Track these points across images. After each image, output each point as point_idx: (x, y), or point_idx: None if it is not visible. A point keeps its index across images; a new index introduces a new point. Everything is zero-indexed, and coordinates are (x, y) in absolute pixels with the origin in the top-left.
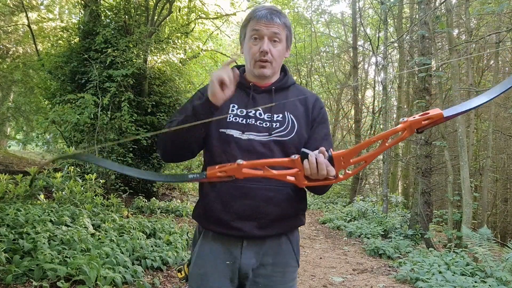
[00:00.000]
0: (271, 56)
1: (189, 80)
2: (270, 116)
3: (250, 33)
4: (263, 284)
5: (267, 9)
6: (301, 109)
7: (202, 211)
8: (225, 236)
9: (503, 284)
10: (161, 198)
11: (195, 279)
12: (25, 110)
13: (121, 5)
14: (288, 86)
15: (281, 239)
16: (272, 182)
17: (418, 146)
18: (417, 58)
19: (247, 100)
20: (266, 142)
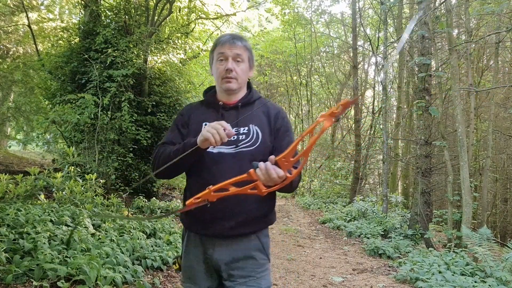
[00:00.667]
0: (235, 73)
1: (189, 80)
2: (237, 130)
3: (217, 56)
4: (238, 276)
5: (229, 35)
6: (265, 120)
7: (184, 214)
8: (203, 236)
9: (503, 284)
10: (161, 198)
11: (185, 270)
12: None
13: (121, 5)
14: (253, 101)
15: (250, 237)
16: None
17: (418, 146)
18: (417, 58)
19: (217, 117)
20: (235, 154)
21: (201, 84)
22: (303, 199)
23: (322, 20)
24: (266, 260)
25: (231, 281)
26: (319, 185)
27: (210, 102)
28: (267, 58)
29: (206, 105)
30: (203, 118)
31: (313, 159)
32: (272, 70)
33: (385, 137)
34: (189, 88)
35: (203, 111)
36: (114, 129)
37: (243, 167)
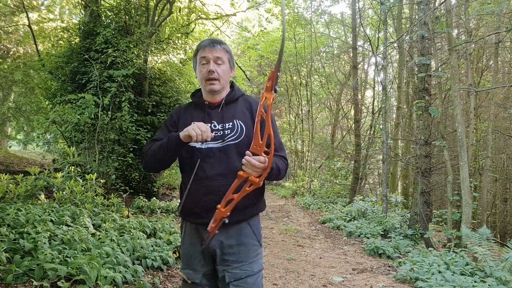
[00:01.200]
0: (217, 74)
1: (189, 80)
2: (222, 126)
3: (199, 60)
4: (231, 261)
5: (209, 40)
6: (248, 114)
7: (182, 207)
8: (198, 225)
9: (502, 283)
10: (161, 198)
11: (184, 258)
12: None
13: (122, 6)
14: (236, 98)
15: (241, 225)
16: (229, 179)
17: (417, 146)
18: (417, 58)
19: (203, 115)
20: (222, 148)
21: None
22: (303, 199)
23: (322, 21)
24: (258, 246)
25: (225, 266)
26: (319, 185)
27: (196, 102)
28: (267, 58)
29: (193, 106)
30: (191, 118)
31: (313, 159)
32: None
33: (385, 137)
34: (189, 88)
35: (191, 111)
36: (114, 129)
37: (230, 159)
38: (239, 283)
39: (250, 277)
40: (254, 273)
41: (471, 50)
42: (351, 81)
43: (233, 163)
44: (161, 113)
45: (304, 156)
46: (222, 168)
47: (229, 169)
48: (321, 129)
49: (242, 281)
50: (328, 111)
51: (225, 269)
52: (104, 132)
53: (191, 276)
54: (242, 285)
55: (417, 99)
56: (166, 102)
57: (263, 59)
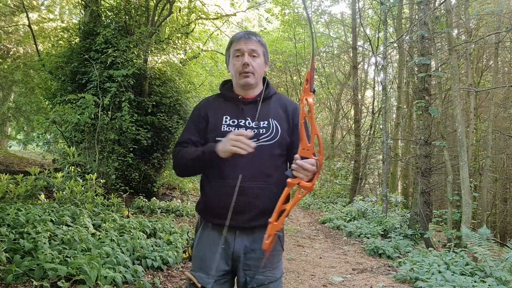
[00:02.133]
0: (252, 68)
1: (190, 80)
2: (257, 124)
3: (233, 53)
4: (254, 266)
5: (244, 32)
6: (283, 115)
7: (203, 206)
8: (222, 227)
9: (502, 283)
10: (161, 198)
11: (197, 260)
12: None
13: (122, 6)
14: (270, 96)
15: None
16: (259, 181)
17: (417, 146)
18: (417, 58)
19: (237, 111)
20: (255, 147)
21: (201, 84)
22: (303, 199)
23: (322, 21)
24: (281, 251)
25: (247, 270)
26: (319, 185)
27: (228, 96)
28: None
29: (224, 99)
30: (223, 112)
31: None
32: (272, 70)
33: (385, 137)
34: (189, 88)
35: (221, 104)
36: (114, 129)
37: (262, 160)
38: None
39: (273, 283)
40: (277, 279)
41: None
42: (351, 81)
43: (265, 164)
44: (161, 113)
45: None
46: (254, 169)
47: (260, 171)
48: (321, 129)
49: (265, 287)
50: (328, 111)
51: (247, 274)
52: (104, 132)
53: (203, 280)
54: None
55: (417, 99)
56: (166, 102)
57: None
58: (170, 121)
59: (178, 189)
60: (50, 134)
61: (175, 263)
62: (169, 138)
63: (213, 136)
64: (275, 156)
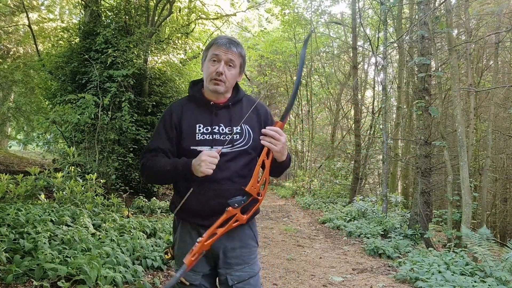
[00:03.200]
0: (225, 77)
1: (189, 80)
2: (230, 130)
3: (210, 56)
4: (234, 263)
5: (227, 39)
6: (254, 118)
7: (181, 207)
8: (201, 226)
9: (502, 283)
10: (161, 198)
11: (180, 259)
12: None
13: (122, 6)
14: (240, 99)
15: (244, 227)
16: (236, 183)
17: (417, 146)
18: (417, 58)
19: (211, 117)
20: (231, 153)
21: None
22: (303, 199)
23: (322, 21)
24: (256, 247)
25: (227, 269)
26: (319, 185)
27: (199, 100)
28: (267, 58)
29: (196, 103)
30: (196, 120)
31: (313, 159)
32: (272, 70)
33: (385, 137)
34: None
35: (194, 110)
36: (114, 129)
37: (238, 164)
38: (243, 285)
39: (253, 278)
40: (256, 274)
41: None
42: (351, 81)
43: (240, 167)
44: (161, 113)
45: (304, 156)
46: (230, 172)
47: (237, 174)
48: (321, 129)
49: (246, 283)
50: (328, 111)
51: (228, 272)
52: (104, 132)
53: (190, 277)
54: (246, 286)
55: (417, 99)
56: (166, 102)
57: (263, 59)
58: None
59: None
60: (50, 134)
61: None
62: None
63: (187, 144)
64: (249, 159)
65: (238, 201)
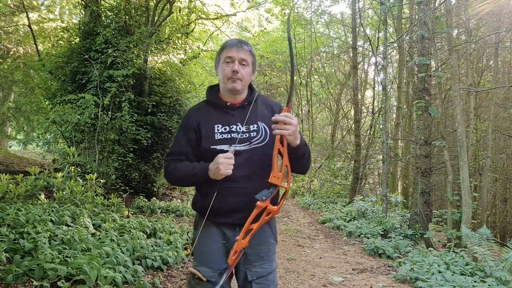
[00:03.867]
0: (240, 75)
1: (189, 80)
2: (247, 128)
3: (224, 59)
4: (254, 259)
5: (236, 40)
6: (269, 115)
7: (203, 205)
8: (222, 224)
9: (502, 283)
10: (161, 198)
11: (200, 256)
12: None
13: (122, 6)
14: (255, 98)
15: (263, 225)
16: (255, 181)
17: (417, 146)
18: (417, 58)
19: (227, 117)
20: (249, 150)
21: (201, 84)
22: (303, 199)
23: (322, 21)
24: (275, 244)
25: (247, 265)
26: (319, 185)
27: (216, 103)
28: (267, 58)
29: (213, 106)
30: (214, 121)
31: (313, 159)
32: (272, 70)
33: (385, 137)
34: (189, 88)
35: (211, 112)
36: (114, 129)
37: (256, 161)
38: (261, 280)
39: (271, 274)
40: (273, 270)
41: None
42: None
43: (259, 165)
44: (161, 113)
45: None
46: (249, 170)
47: (255, 172)
48: (321, 129)
49: (264, 279)
50: (328, 111)
51: (247, 268)
52: (104, 132)
53: (208, 274)
54: (264, 282)
55: (417, 99)
56: (166, 102)
57: (263, 59)
58: (170, 121)
59: (178, 189)
60: (50, 134)
61: (175, 263)
62: (169, 138)
63: (207, 145)
64: (267, 156)
65: (266, 194)
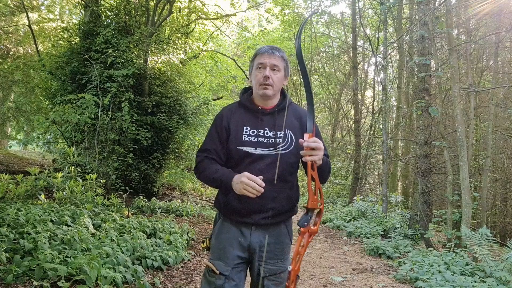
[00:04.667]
0: (271, 81)
1: (189, 80)
2: (274, 134)
3: (256, 65)
4: (268, 257)
5: (268, 47)
6: (297, 125)
7: (224, 204)
8: (240, 223)
9: (502, 283)
10: (161, 198)
11: (216, 251)
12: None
13: (122, 6)
14: (286, 106)
15: (280, 225)
16: (276, 186)
17: (417, 146)
18: (417, 58)
19: (257, 121)
20: (274, 155)
21: (201, 84)
22: (303, 199)
23: (322, 21)
24: (290, 244)
25: (261, 261)
26: None
27: (248, 106)
28: None
29: (244, 108)
30: (244, 123)
31: None
32: None
33: (385, 137)
34: (189, 88)
35: (242, 114)
36: (114, 129)
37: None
38: (273, 277)
39: (283, 273)
40: (286, 269)
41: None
42: (351, 81)
43: (282, 171)
44: (161, 113)
45: None
46: (270, 175)
47: (278, 177)
48: (321, 129)
49: (276, 276)
50: (328, 111)
51: (261, 265)
52: (104, 132)
53: (222, 268)
54: (276, 279)
55: (417, 99)
56: (166, 102)
57: None
58: (170, 121)
59: (178, 189)
60: (50, 134)
61: (175, 263)
62: (169, 138)
63: (234, 145)
64: (290, 163)
65: (306, 219)
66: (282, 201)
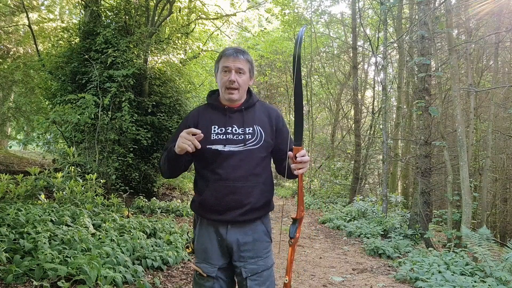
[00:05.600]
0: (237, 84)
1: (189, 80)
2: (243, 130)
3: (221, 68)
4: (248, 257)
5: (233, 49)
6: (266, 120)
7: (199, 203)
8: (216, 222)
9: (502, 283)
10: (161, 198)
11: (199, 252)
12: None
13: (122, 6)
14: (254, 104)
15: (256, 222)
16: (249, 181)
17: (417, 146)
18: (417, 58)
19: (225, 119)
20: (243, 151)
21: (201, 84)
22: None
23: (322, 21)
24: (270, 242)
25: (241, 262)
26: (319, 185)
27: (215, 105)
28: (267, 58)
29: (212, 108)
30: (212, 121)
31: (313, 159)
32: (272, 70)
33: (385, 137)
34: (189, 88)
35: (210, 114)
36: (114, 129)
37: (250, 162)
38: (255, 277)
39: (266, 271)
40: (268, 267)
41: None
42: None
43: (254, 166)
44: (161, 113)
45: None
46: (243, 170)
47: (250, 172)
48: (321, 129)
49: (259, 275)
50: (328, 111)
51: (242, 265)
52: (104, 132)
53: (208, 269)
54: (258, 278)
55: (417, 99)
56: (166, 102)
57: (263, 59)
58: (170, 121)
59: (178, 189)
60: (50, 134)
61: (175, 263)
62: (169, 138)
63: (204, 144)
64: (261, 158)
65: (295, 229)
66: (258, 196)
